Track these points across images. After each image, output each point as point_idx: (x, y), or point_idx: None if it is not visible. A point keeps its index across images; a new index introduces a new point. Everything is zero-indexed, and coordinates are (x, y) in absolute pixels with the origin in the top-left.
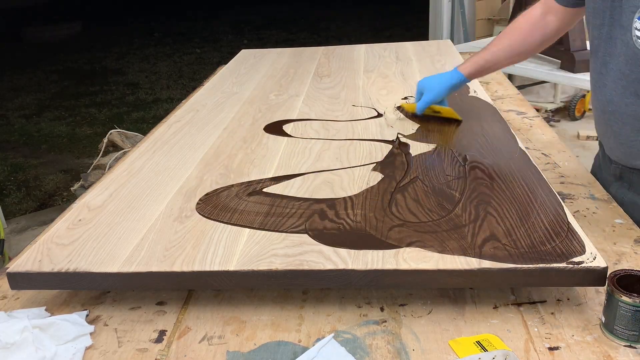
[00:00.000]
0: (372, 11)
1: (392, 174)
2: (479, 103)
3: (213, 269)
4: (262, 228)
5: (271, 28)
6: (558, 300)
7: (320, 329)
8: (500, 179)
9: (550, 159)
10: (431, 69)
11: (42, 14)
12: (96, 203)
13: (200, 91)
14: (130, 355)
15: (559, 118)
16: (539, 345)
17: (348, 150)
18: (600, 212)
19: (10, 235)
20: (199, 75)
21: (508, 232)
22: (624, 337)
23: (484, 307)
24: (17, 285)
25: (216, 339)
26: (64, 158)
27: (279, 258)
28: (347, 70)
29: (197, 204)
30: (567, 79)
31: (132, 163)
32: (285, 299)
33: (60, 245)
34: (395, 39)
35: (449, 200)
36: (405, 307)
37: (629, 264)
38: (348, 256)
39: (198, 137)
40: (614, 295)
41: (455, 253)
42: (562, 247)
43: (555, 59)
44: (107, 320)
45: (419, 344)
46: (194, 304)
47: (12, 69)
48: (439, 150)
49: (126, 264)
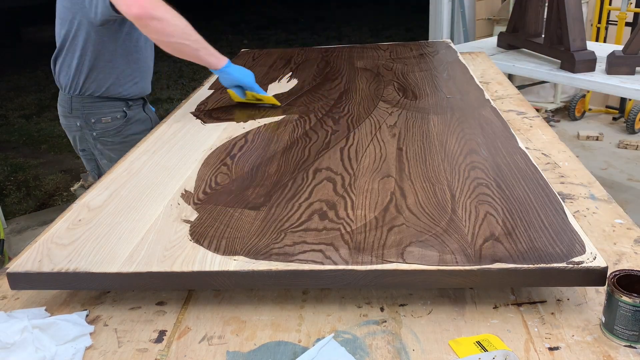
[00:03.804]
0: (372, 11)
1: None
2: (477, 101)
3: (213, 269)
4: (262, 228)
5: (271, 28)
6: (558, 300)
7: (320, 329)
8: (500, 179)
9: (550, 159)
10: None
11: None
12: (96, 203)
13: (200, 91)
14: (130, 355)
15: (559, 118)
16: (539, 345)
17: (349, 150)
18: (600, 212)
19: (10, 235)
20: (199, 75)
21: (508, 232)
22: (624, 337)
23: (484, 307)
24: (17, 285)
25: (216, 339)
26: (64, 158)
27: (279, 258)
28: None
29: (197, 204)
30: (567, 79)
31: (132, 163)
32: (285, 299)
33: (60, 245)
34: (395, 38)
35: (449, 201)
36: (405, 307)
37: (629, 264)
38: (348, 256)
39: (198, 137)
40: (614, 295)
41: (455, 253)
42: (562, 247)
43: (555, 59)
44: (107, 320)
45: (419, 344)
46: (194, 304)
47: (12, 69)
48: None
49: (126, 264)
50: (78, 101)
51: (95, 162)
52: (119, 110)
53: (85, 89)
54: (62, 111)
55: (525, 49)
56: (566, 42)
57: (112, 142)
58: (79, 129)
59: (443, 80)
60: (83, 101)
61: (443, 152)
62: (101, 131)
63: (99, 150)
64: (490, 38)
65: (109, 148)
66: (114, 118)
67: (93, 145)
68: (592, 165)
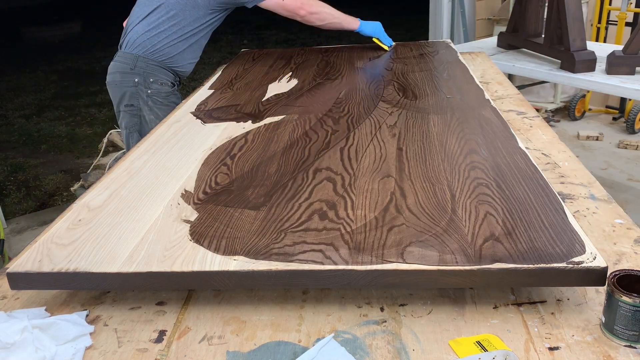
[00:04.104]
0: (372, 11)
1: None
2: (477, 101)
3: (213, 269)
4: (262, 228)
5: (271, 28)
6: (558, 300)
7: (320, 329)
8: (500, 179)
9: (550, 159)
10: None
11: (42, 14)
12: (96, 203)
13: (200, 91)
14: (130, 355)
15: (559, 118)
16: (539, 345)
17: (349, 150)
18: (600, 212)
19: (10, 235)
20: (199, 75)
21: (508, 232)
22: (624, 337)
23: (484, 307)
24: (17, 285)
25: (216, 339)
26: (64, 158)
27: (279, 258)
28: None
29: (197, 204)
30: (567, 79)
31: (132, 163)
32: (285, 299)
33: (60, 245)
34: (395, 38)
35: (449, 201)
36: (405, 307)
37: (629, 264)
38: (348, 256)
39: (198, 137)
40: (614, 295)
41: (455, 253)
42: (562, 247)
43: (555, 59)
44: (107, 320)
45: (419, 344)
46: (194, 304)
47: (12, 69)
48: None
49: (126, 264)
50: (144, 61)
51: (139, 118)
52: (171, 80)
53: (160, 55)
54: (121, 67)
55: (525, 49)
56: (566, 42)
57: (161, 102)
58: (135, 85)
59: (443, 80)
60: (148, 62)
61: (443, 152)
62: (155, 91)
63: (149, 106)
64: (490, 38)
65: (157, 107)
66: (165, 84)
67: (145, 101)
68: (592, 165)
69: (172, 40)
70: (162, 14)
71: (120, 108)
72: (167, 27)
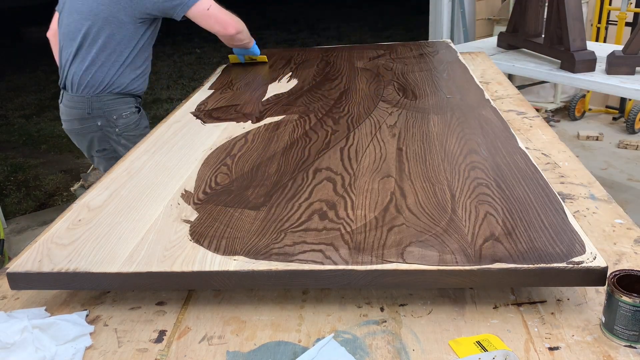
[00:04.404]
0: (372, 11)
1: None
2: (477, 101)
3: (213, 269)
4: (262, 228)
5: (271, 28)
6: (558, 300)
7: (320, 329)
8: (500, 179)
9: (550, 159)
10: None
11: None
12: (96, 203)
13: (200, 91)
14: (130, 355)
15: (559, 118)
16: (539, 345)
17: (349, 150)
18: (600, 212)
19: (10, 235)
20: (199, 75)
21: (508, 232)
22: (624, 337)
23: (484, 307)
24: (17, 285)
25: (216, 339)
26: (64, 158)
27: (279, 258)
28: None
29: (197, 204)
30: (567, 79)
31: (132, 163)
32: (285, 299)
33: (60, 245)
34: (395, 38)
35: (449, 201)
36: (405, 307)
37: (629, 264)
38: (348, 256)
39: (198, 137)
40: (614, 295)
41: (455, 253)
42: (562, 247)
43: (555, 59)
44: (107, 320)
45: (419, 344)
46: (194, 304)
47: (12, 69)
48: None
49: (126, 264)
50: (97, 100)
51: (116, 159)
52: (133, 106)
53: (112, 88)
54: (78, 114)
55: (525, 49)
56: (566, 42)
57: (133, 135)
58: (100, 129)
59: (443, 80)
60: (102, 100)
61: (443, 152)
62: (123, 126)
63: (123, 145)
64: (490, 38)
65: (132, 140)
66: (131, 113)
67: (117, 142)
68: (592, 165)
69: (116, 70)
70: (92, 46)
71: (92, 154)
72: (104, 59)
